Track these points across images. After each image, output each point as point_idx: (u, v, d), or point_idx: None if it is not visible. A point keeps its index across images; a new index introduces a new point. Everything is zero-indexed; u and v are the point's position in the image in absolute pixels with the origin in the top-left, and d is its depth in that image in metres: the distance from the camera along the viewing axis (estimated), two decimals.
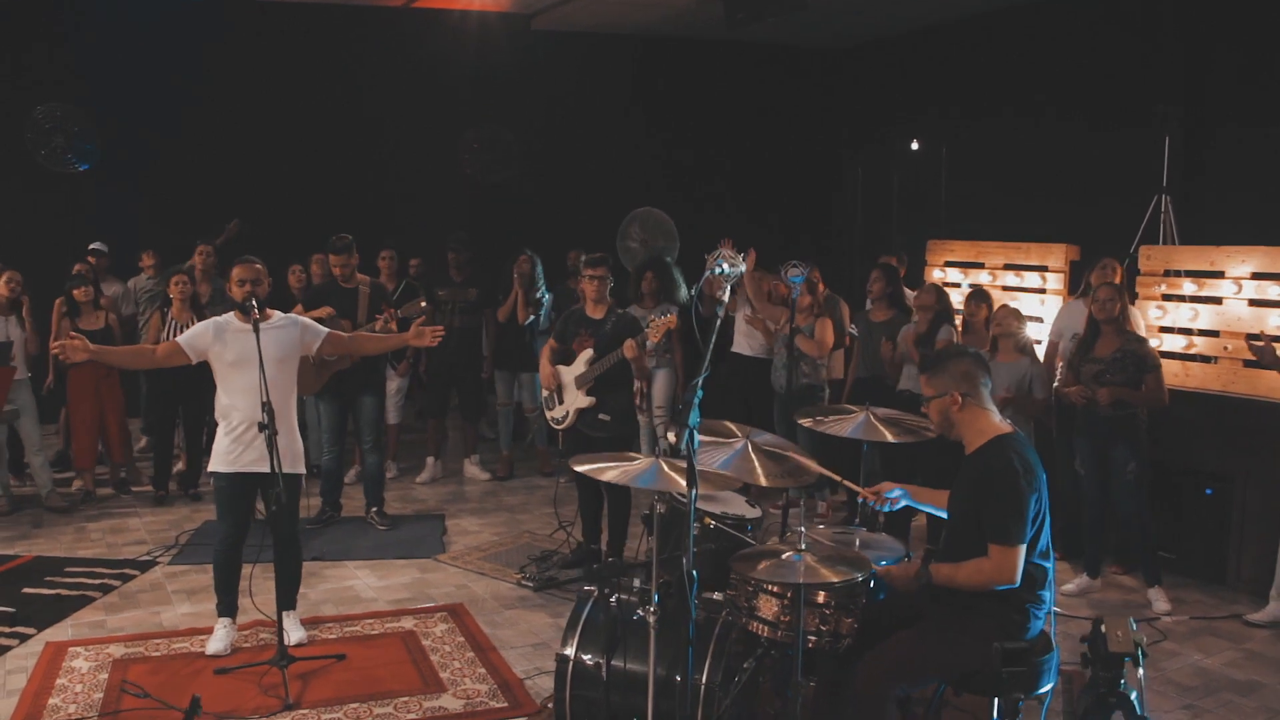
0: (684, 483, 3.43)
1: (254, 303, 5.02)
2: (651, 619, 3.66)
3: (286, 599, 5.28)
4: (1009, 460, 3.54)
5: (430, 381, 8.73)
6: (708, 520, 4.00)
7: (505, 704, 4.73)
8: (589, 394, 6.17)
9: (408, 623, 5.64)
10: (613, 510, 6.38)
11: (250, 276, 5.15)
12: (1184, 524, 6.36)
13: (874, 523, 4.52)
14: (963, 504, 3.70)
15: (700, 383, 3.16)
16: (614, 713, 3.92)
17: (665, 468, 3.57)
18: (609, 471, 3.53)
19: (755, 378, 7.90)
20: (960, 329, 6.97)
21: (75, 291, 7.62)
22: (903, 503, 4.15)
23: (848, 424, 4.65)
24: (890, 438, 4.56)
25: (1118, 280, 6.50)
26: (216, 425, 5.20)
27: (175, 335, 7.52)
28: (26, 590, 6.01)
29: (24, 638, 5.38)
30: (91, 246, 9.00)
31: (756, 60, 12.08)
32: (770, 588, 3.50)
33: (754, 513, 4.54)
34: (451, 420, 9.09)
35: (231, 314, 5.22)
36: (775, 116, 12.21)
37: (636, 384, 6.74)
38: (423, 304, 7.06)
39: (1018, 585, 3.50)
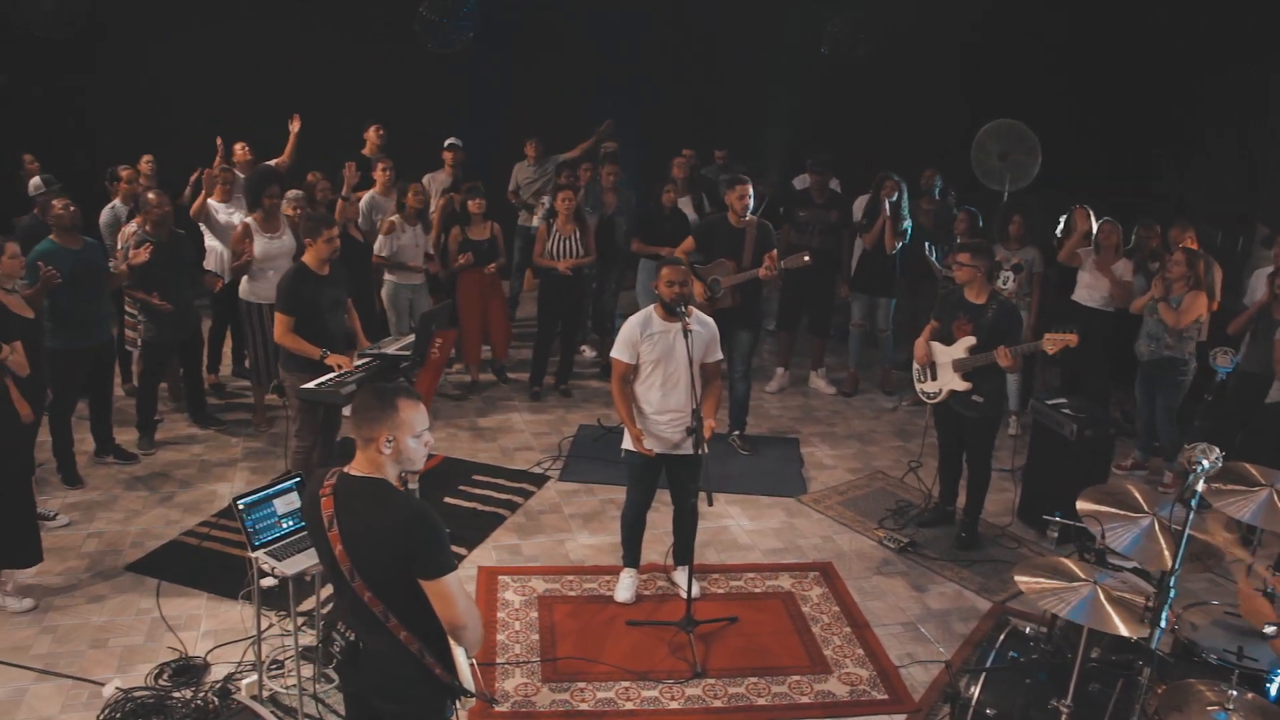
0: (1121, 625, 3.68)
1: (683, 307, 5.42)
2: (1064, 711, 4.02)
3: (684, 556, 5.90)
4: None
5: (784, 297, 9.03)
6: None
7: (886, 696, 5.22)
8: (965, 378, 6.32)
9: (785, 581, 6.20)
10: (973, 475, 6.62)
11: (679, 279, 5.46)
12: None
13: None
14: None
15: (1173, 583, 3.31)
16: None
17: (1103, 596, 3.79)
18: (1052, 602, 3.78)
19: (1094, 332, 7.45)
20: None
21: (470, 204, 8.22)
22: None
23: (1249, 503, 4.25)
24: None
25: None
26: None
27: (558, 248, 8.20)
28: (448, 500, 6.95)
29: (459, 557, 6.30)
30: (449, 142, 9.37)
31: None
32: None
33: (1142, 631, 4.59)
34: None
35: (652, 309, 5.60)
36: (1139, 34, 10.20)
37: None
38: (806, 258, 7.24)
39: None
